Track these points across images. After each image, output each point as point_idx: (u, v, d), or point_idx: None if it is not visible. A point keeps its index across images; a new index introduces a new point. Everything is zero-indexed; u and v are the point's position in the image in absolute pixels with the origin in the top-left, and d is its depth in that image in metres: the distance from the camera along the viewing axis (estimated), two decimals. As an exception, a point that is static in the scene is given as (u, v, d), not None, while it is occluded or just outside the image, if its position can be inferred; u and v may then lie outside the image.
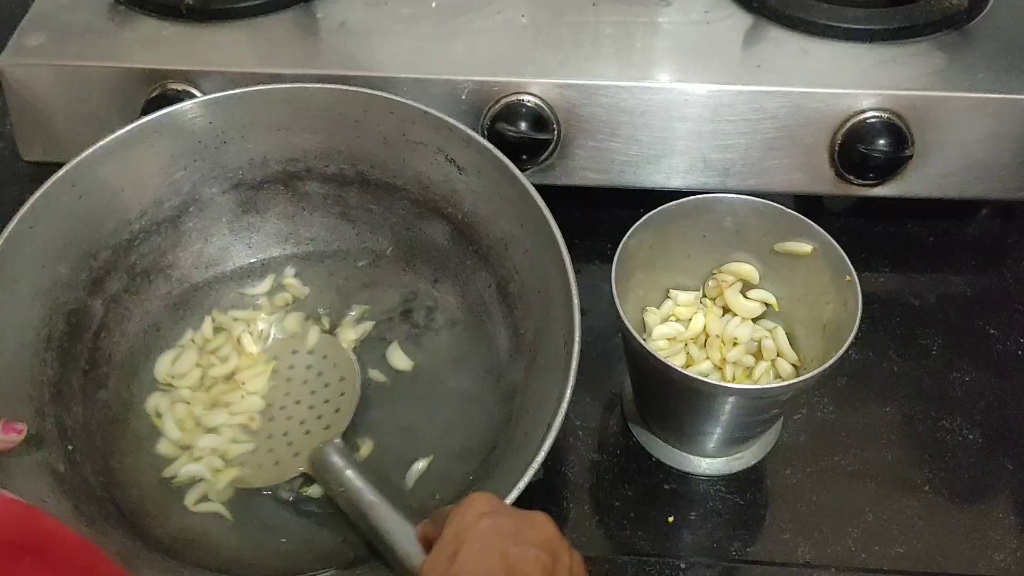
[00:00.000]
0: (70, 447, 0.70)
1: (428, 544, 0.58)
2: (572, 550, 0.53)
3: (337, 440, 0.72)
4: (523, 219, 0.74)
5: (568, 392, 0.64)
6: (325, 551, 0.69)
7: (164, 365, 0.79)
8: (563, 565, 0.51)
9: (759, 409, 0.70)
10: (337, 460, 0.71)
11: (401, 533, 0.64)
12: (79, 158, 0.74)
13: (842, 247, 0.72)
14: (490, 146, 0.75)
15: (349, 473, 0.69)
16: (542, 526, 0.52)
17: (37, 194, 0.72)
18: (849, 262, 0.70)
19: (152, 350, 0.79)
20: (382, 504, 0.66)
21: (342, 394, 0.76)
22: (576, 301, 0.68)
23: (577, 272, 0.86)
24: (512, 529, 0.51)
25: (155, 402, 0.77)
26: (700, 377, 0.67)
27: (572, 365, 0.65)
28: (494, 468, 0.68)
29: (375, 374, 0.79)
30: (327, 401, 0.76)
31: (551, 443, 0.62)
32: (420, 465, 0.74)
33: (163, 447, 0.75)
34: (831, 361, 0.65)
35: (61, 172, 0.73)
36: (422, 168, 0.80)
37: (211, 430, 0.75)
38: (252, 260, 0.85)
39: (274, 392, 0.77)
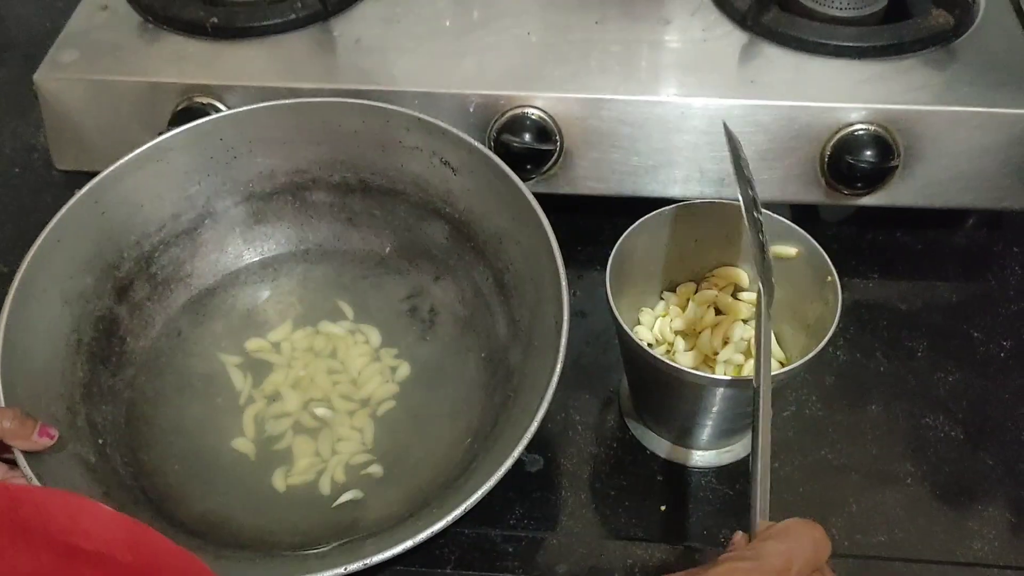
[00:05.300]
0: (100, 441, 0.73)
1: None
2: None
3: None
4: (514, 212, 0.77)
5: (559, 365, 0.67)
6: (339, 529, 0.72)
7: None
8: None
9: (745, 401, 0.71)
10: None
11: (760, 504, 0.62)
12: (100, 177, 0.78)
13: (833, 255, 0.73)
14: (479, 145, 0.78)
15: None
16: None
17: (63, 211, 0.75)
18: (831, 263, 0.72)
19: (175, 352, 0.82)
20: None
21: None
22: (564, 283, 0.71)
23: (578, 277, 0.89)
24: None
25: None
26: (689, 369, 0.69)
27: (562, 341, 0.68)
28: (494, 443, 0.70)
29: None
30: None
31: (544, 412, 0.65)
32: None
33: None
34: (811, 354, 0.67)
35: (84, 190, 0.77)
36: (419, 172, 0.83)
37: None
38: (265, 267, 0.88)
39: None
